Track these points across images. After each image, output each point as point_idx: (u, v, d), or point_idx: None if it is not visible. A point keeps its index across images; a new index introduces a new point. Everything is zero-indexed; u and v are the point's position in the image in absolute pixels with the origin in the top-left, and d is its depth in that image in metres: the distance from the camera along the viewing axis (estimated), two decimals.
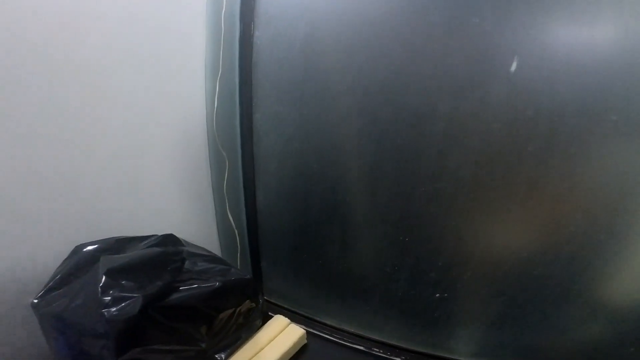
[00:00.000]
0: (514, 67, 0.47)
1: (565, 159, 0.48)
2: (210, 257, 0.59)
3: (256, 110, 0.65)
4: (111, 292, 0.40)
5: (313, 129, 0.61)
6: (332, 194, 0.62)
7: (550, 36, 0.45)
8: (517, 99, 0.48)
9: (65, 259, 0.50)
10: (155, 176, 0.64)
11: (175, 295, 0.45)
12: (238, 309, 0.55)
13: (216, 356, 0.52)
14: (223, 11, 0.63)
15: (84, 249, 0.50)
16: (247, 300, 0.57)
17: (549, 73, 0.46)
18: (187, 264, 0.53)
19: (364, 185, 0.60)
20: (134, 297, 0.40)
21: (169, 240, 0.55)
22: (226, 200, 0.71)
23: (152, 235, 0.56)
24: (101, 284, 0.40)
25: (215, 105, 0.66)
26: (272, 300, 0.75)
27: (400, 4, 0.51)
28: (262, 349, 0.57)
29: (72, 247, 0.52)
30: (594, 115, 0.44)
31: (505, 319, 0.57)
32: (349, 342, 0.66)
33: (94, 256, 0.50)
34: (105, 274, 0.41)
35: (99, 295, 0.39)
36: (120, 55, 0.55)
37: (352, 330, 0.68)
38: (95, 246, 0.51)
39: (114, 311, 0.38)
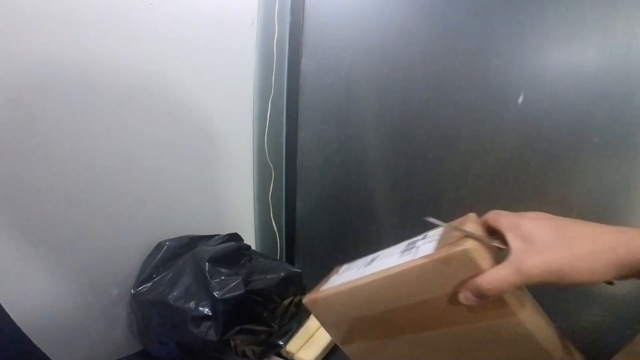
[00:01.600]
0: (520, 99, 0.61)
1: (560, 171, 0.61)
2: (264, 255, 0.67)
3: (301, 129, 0.75)
4: (216, 276, 0.47)
5: (354, 146, 0.71)
6: (369, 200, 0.73)
7: (548, 76, 0.59)
8: (523, 125, 0.62)
9: (151, 254, 0.56)
10: (210, 184, 0.72)
11: (254, 282, 0.53)
12: (294, 299, 0.62)
13: (279, 342, 0.59)
14: (275, 38, 0.74)
15: (166, 245, 0.56)
16: (299, 292, 0.65)
17: (547, 105, 0.59)
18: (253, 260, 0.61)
19: (396, 194, 0.71)
20: (237, 279, 0.47)
21: (235, 237, 0.62)
22: (270, 207, 0.79)
23: (216, 235, 0.63)
24: (207, 270, 0.47)
25: (267, 123, 0.75)
26: None
27: (431, 45, 0.64)
28: (312, 335, 0.64)
29: (148, 243, 0.58)
30: (581, 137, 0.58)
31: None
32: None
33: (175, 251, 0.56)
34: (208, 262, 0.48)
35: (208, 279, 0.46)
36: (198, 86, 0.64)
37: None
38: (175, 242, 0.57)
39: (224, 292, 0.45)
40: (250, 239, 0.84)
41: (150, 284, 0.51)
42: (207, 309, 0.45)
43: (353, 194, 0.74)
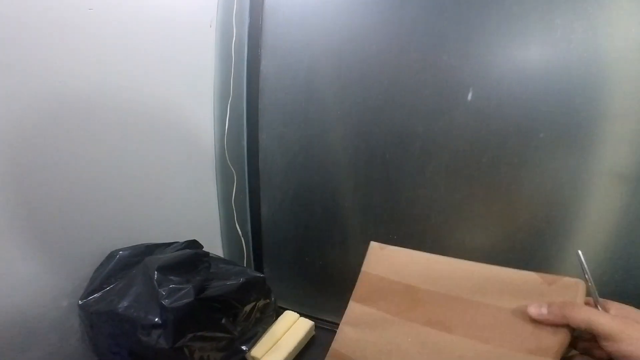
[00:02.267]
0: (470, 96, 0.63)
1: (509, 166, 0.63)
2: (227, 260, 0.66)
3: (262, 131, 0.75)
4: (165, 285, 0.46)
5: (315, 147, 0.72)
6: (332, 201, 0.73)
7: (494, 72, 0.61)
8: (473, 121, 0.63)
9: (102, 263, 0.54)
10: (170, 191, 0.71)
11: (211, 289, 0.52)
12: (257, 304, 0.62)
13: (242, 347, 0.58)
14: (233, 40, 0.73)
15: (119, 254, 0.55)
16: (263, 296, 0.64)
17: (494, 102, 0.62)
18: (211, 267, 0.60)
19: (358, 193, 0.72)
20: (187, 287, 0.46)
21: (194, 245, 0.61)
22: (234, 211, 0.78)
23: (175, 242, 0.62)
24: (156, 279, 0.46)
25: (227, 127, 0.75)
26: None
27: (386, 44, 0.66)
28: (278, 339, 0.64)
29: (100, 253, 0.56)
30: (527, 133, 0.61)
31: None
32: None
33: (129, 260, 0.55)
34: (157, 270, 0.47)
35: (156, 288, 0.45)
36: (150, 84, 0.63)
37: None
38: (128, 252, 0.56)
39: (172, 300, 0.44)
40: (217, 245, 0.83)
41: (99, 295, 0.50)
42: (156, 318, 0.44)
43: (316, 196, 0.74)
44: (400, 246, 0.69)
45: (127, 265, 0.54)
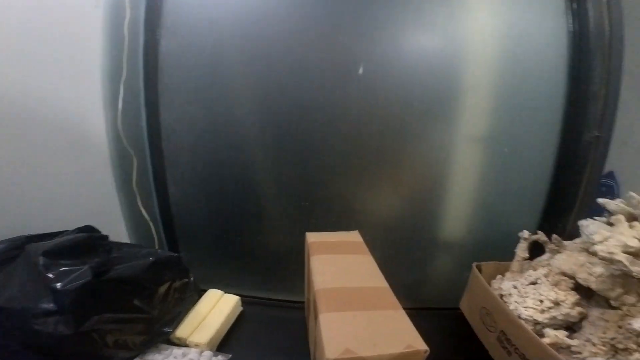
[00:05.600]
0: (360, 70, 0.71)
1: (394, 134, 0.73)
2: (132, 245, 0.63)
3: (164, 110, 0.72)
4: (54, 269, 0.42)
5: (223, 124, 0.72)
6: (243, 176, 0.74)
7: (381, 50, 0.70)
8: (364, 94, 0.72)
9: None
10: (54, 180, 0.63)
11: (115, 271, 0.49)
12: (173, 284, 0.60)
13: (164, 329, 0.56)
14: (126, 20, 0.68)
15: None
16: (179, 276, 0.63)
17: (381, 75, 0.70)
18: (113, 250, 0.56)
19: (268, 164, 0.75)
20: (82, 268, 0.43)
21: (88, 229, 0.56)
22: (137, 195, 0.73)
23: (64, 231, 0.56)
24: (42, 264, 0.41)
25: (120, 107, 0.69)
26: None
27: (288, 23, 0.69)
28: (204, 318, 0.63)
29: None
30: (405, 103, 0.72)
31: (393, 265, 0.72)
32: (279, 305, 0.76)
33: (6, 255, 0.48)
34: (43, 255, 0.42)
35: (43, 273, 0.41)
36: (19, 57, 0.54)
37: (277, 297, 0.78)
38: (4, 245, 0.48)
39: (66, 282, 0.41)
40: (121, 232, 0.77)
41: None
42: (50, 304, 0.40)
43: (227, 172, 0.74)
44: (312, 211, 0.76)
45: (4, 261, 0.47)
